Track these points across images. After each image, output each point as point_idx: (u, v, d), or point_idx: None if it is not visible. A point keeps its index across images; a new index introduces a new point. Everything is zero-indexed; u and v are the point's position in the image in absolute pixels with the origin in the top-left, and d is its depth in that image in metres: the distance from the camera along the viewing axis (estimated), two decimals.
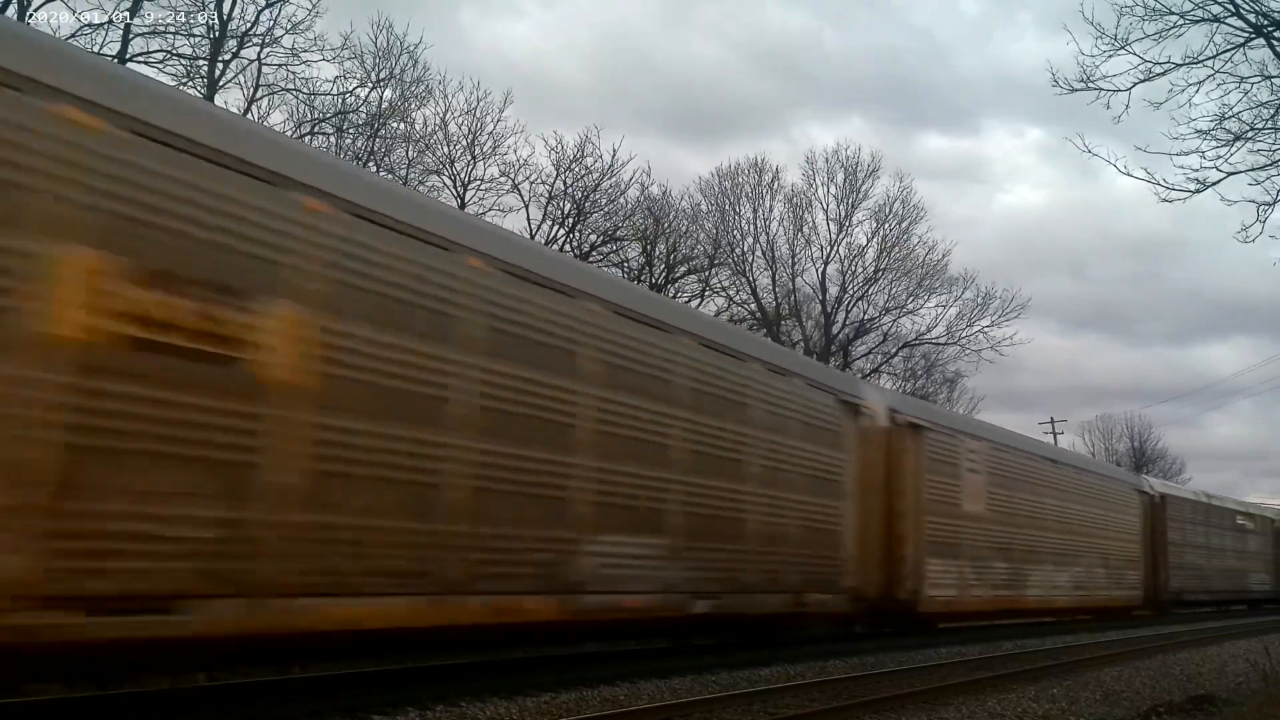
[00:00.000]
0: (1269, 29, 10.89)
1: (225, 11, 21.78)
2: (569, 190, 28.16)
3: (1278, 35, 10.90)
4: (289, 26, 22.40)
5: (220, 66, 21.90)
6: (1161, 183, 11.65)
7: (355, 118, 24.69)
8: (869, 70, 63.09)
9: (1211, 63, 11.02)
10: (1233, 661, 13.91)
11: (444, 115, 26.63)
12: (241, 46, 22.26)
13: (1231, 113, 11.25)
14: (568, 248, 27.83)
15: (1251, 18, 10.91)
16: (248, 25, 22.20)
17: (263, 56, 22.43)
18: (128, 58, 19.87)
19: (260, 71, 22.61)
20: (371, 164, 24.12)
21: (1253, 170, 11.44)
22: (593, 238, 29.05)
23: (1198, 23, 10.91)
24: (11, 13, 18.12)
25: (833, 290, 37.14)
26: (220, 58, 21.84)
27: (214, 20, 21.61)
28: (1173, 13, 10.85)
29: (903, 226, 37.35)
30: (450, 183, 26.81)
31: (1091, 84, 11.44)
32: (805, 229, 36.98)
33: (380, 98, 25.00)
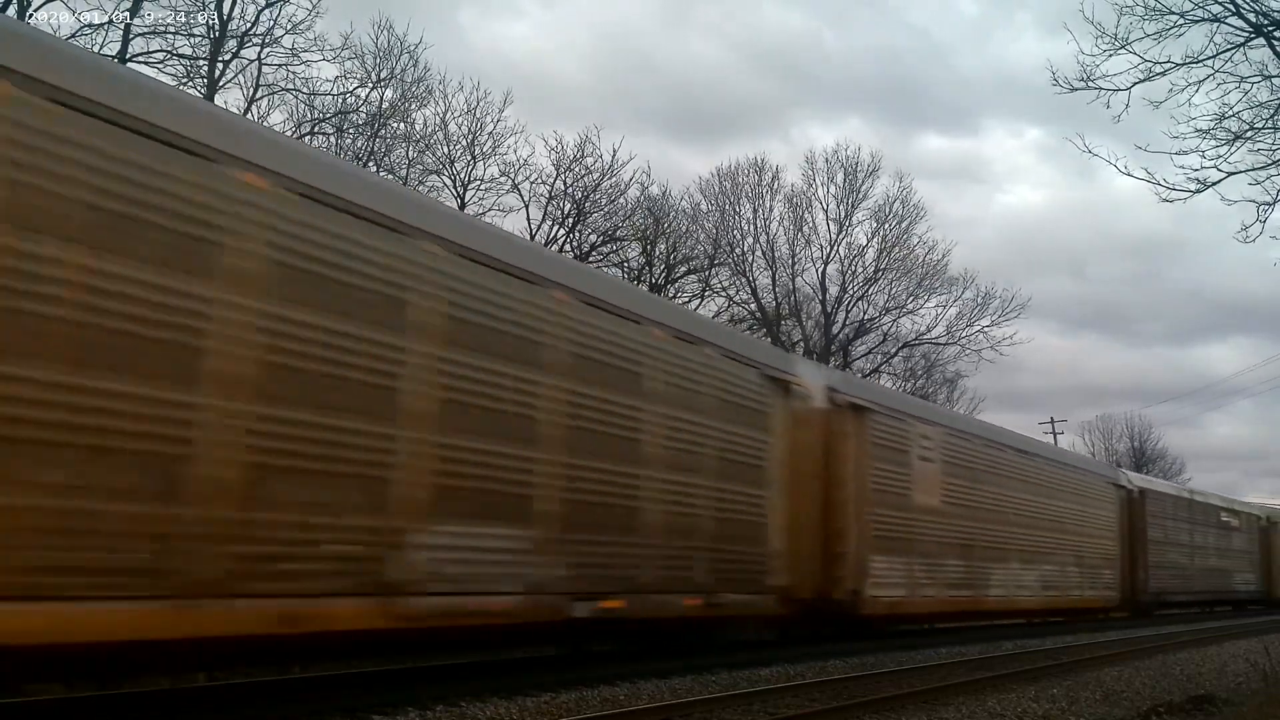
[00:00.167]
0: (1269, 29, 10.90)
1: (225, 11, 21.81)
2: (569, 190, 28.20)
3: (1278, 35, 10.90)
4: (289, 26, 22.41)
5: (220, 66, 21.92)
6: (1161, 183, 11.65)
7: (355, 118, 24.72)
8: (868, 70, 63.24)
9: (1211, 62, 11.02)
10: (1233, 661, 13.92)
11: (444, 115, 26.65)
12: (241, 46, 22.27)
13: (1231, 112, 11.27)
14: (568, 248, 27.83)
15: (1251, 17, 10.92)
16: (248, 25, 22.22)
17: (263, 56, 22.44)
18: (128, 58, 19.87)
19: (260, 71, 22.65)
20: (372, 164, 24.11)
21: (1253, 170, 11.44)
22: (593, 238, 29.10)
23: (1198, 22, 10.92)
24: (11, 12, 18.11)
25: (833, 290, 37.16)
26: (220, 58, 21.85)
27: (214, 20, 21.63)
28: (1173, 12, 10.86)
29: (903, 226, 37.38)
30: (450, 183, 26.85)
31: (1091, 83, 11.44)
32: (805, 229, 37.00)
33: (380, 98, 25.04)
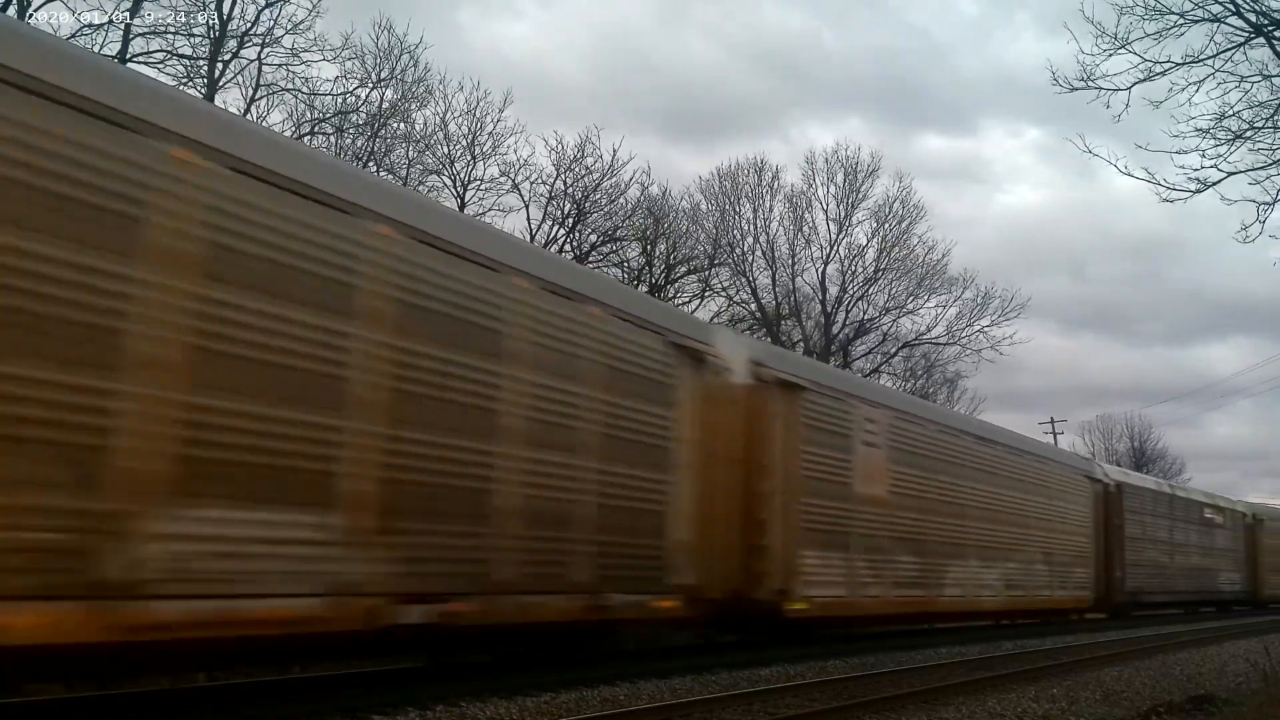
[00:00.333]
0: (1269, 28, 10.90)
1: (225, 11, 21.78)
2: (569, 190, 28.15)
3: (1278, 35, 10.91)
4: (289, 26, 22.36)
5: (220, 66, 21.90)
6: (1161, 182, 11.67)
7: (355, 118, 24.70)
8: (868, 70, 63.19)
9: (1211, 62, 11.04)
10: (1233, 661, 13.92)
11: (444, 115, 26.62)
12: (241, 46, 22.22)
13: (1231, 112, 11.28)
14: (568, 248, 27.84)
15: (1251, 17, 10.93)
16: (248, 25, 22.17)
17: (263, 56, 22.40)
18: (128, 58, 19.87)
19: (260, 71, 22.63)
20: (372, 164, 24.12)
21: (1253, 170, 11.46)
22: (593, 238, 29.09)
23: (1198, 22, 10.93)
24: (11, 12, 18.11)
25: (833, 290, 37.11)
26: (220, 58, 21.82)
27: (214, 20, 21.58)
28: (1173, 12, 10.88)
29: (902, 226, 37.32)
30: (450, 183, 26.84)
31: (1091, 83, 11.46)
32: (805, 229, 36.94)
33: (380, 98, 25.02)
